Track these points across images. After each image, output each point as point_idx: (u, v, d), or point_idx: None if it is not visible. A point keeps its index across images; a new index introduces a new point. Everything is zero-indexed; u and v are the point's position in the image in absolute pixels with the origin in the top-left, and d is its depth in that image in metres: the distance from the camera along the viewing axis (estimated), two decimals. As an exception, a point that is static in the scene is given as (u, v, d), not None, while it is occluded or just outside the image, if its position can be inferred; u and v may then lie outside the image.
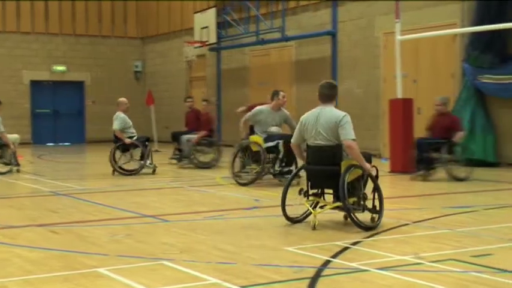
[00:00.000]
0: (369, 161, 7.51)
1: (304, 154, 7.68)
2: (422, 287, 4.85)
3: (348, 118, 7.31)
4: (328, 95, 7.58)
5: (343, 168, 7.22)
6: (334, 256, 5.86)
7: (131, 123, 13.92)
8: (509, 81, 14.37)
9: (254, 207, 8.92)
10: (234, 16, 21.72)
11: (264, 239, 6.75)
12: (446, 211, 8.44)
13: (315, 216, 7.28)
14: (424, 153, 11.78)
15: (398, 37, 13.82)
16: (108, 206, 9.17)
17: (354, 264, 5.52)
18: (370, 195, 7.36)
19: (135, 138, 13.71)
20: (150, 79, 27.69)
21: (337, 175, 7.15)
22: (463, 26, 14.96)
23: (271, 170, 11.42)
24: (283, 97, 11.77)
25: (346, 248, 6.20)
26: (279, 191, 10.62)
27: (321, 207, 7.55)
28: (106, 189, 11.36)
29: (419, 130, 15.56)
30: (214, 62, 24.21)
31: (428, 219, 7.84)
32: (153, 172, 13.64)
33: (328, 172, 7.28)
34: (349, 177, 7.18)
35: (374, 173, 7.39)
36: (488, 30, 13.55)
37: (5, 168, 13.83)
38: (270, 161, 11.40)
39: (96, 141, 25.71)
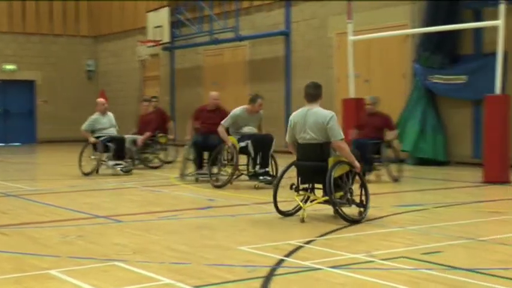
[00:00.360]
0: (358, 158, 7.82)
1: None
2: (374, 284, 4.92)
3: (335, 118, 7.68)
4: (313, 94, 7.91)
5: (330, 164, 7.58)
6: (288, 255, 5.89)
7: (107, 124, 13.69)
8: (459, 82, 14.66)
9: (208, 207, 8.91)
10: (187, 15, 21.67)
11: (218, 238, 6.75)
12: (396, 209, 8.57)
13: (304, 210, 7.63)
14: (366, 154, 11.43)
15: (351, 37, 13.96)
16: (59, 207, 9.05)
17: (307, 263, 5.56)
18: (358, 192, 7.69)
19: (102, 138, 13.44)
20: (103, 78, 27.41)
21: (325, 171, 7.52)
22: (414, 27, 15.19)
23: (246, 172, 11.29)
24: (260, 105, 11.67)
25: (299, 247, 6.24)
26: (233, 190, 10.68)
27: (311, 201, 7.86)
28: (58, 190, 11.21)
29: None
30: (167, 62, 24.11)
31: (380, 217, 7.93)
32: (126, 172, 13.38)
33: (316, 168, 7.66)
34: (336, 173, 7.55)
35: (358, 166, 7.70)
36: (438, 31, 13.78)
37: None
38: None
39: (48, 142, 25.37)
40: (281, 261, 5.66)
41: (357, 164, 7.65)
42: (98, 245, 6.47)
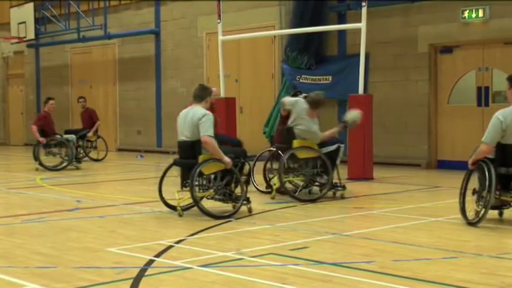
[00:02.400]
0: (240, 156, 8.33)
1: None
2: (243, 281, 4.98)
3: (209, 117, 7.88)
4: (198, 95, 8.15)
5: (200, 161, 7.84)
6: (158, 255, 5.87)
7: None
8: (325, 82, 15.11)
9: (76, 209, 8.70)
10: (53, 12, 21.01)
11: (85, 240, 6.60)
12: (267, 207, 8.72)
13: (178, 205, 7.92)
14: None
15: (221, 37, 14.06)
16: None
17: (178, 263, 5.56)
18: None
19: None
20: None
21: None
22: (281, 28, 15.51)
23: None
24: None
25: (170, 247, 6.22)
26: (102, 191, 10.48)
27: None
28: None
29: (242, 128, 16.00)
30: (32, 59, 23.31)
31: (250, 215, 8.05)
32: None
33: (188, 165, 7.92)
34: (207, 170, 7.84)
35: (228, 162, 7.88)
36: (305, 32, 14.14)
37: None
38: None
39: None
40: (151, 261, 5.63)
41: (225, 159, 7.83)
42: (-43, 251, 6.16)
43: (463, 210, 7.35)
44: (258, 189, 10.06)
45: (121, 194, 10.08)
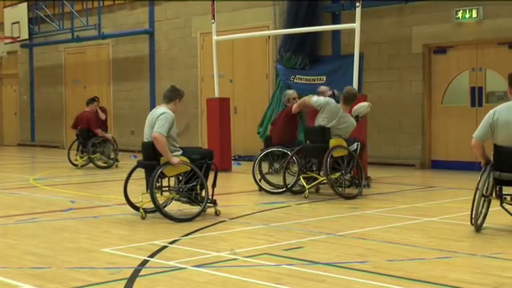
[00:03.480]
0: (206, 157, 8.17)
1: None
2: (237, 281, 4.98)
3: (167, 116, 7.78)
4: (167, 96, 8.13)
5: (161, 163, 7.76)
6: (152, 255, 5.86)
7: None
8: (319, 82, 15.10)
9: (69, 209, 8.68)
10: (47, 12, 20.96)
11: (79, 241, 6.59)
12: (261, 207, 8.73)
13: (141, 207, 7.80)
14: None
15: (215, 37, 14.05)
16: None
17: (172, 263, 5.55)
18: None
19: None
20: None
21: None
22: (275, 28, 15.52)
23: None
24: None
25: (164, 247, 6.22)
26: (96, 191, 10.47)
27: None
28: None
29: (236, 128, 16.00)
30: (26, 59, 23.26)
31: (245, 215, 8.05)
32: None
33: (149, 166, 7.85)
34: (169, 172, 7.75)
35: (175, 162, 7.71)
36: (299, 32, 14.14)
37: None
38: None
39: None
40: (145, 261, 5.62)
41: (173, 160, 7.66)
42: (-50, 251, 6.14)
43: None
44: (264, 189, 10.09)
45: (115, 194, 10.05)
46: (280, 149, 10.23)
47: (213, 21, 14.02)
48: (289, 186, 9.77)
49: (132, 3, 19.60)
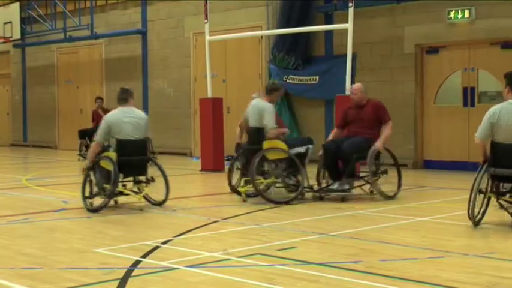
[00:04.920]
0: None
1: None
2: (230, 282, 4.98)
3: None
4: (122, 98, 8.86)
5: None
6: (145, 256, 5.85)
7: None
8: (311, 82, 15.14)
9: (62, 209, 8.67)
10: (39, 12, 20.92)
11: (72, 241, 6.58)
12: (254, 207, 8.72)
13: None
14: None
15: (208, 37, 14.05)
16: None
17: (164, 263, 5.54)
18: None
19: None
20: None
21: (146, 164, 8.73)
22: (268, 29, 15.53)
23: None
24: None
25: (156, 247, 6.21)
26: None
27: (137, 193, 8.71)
28: None
29: (229, 128, 15.97)
30: (19, 59, 23.19)
31: (238, 215, 8.05)
32: None
33: (139, 162, 8.66)
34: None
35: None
36: (292, 32, 14.16)
37: None
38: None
39: None
40: (138, 262, 5.61)
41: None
42: None
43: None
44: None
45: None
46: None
47: (205, 21, 14.02)
48: (235, 186, 9.50)
49: (125, 3, 19.57)
